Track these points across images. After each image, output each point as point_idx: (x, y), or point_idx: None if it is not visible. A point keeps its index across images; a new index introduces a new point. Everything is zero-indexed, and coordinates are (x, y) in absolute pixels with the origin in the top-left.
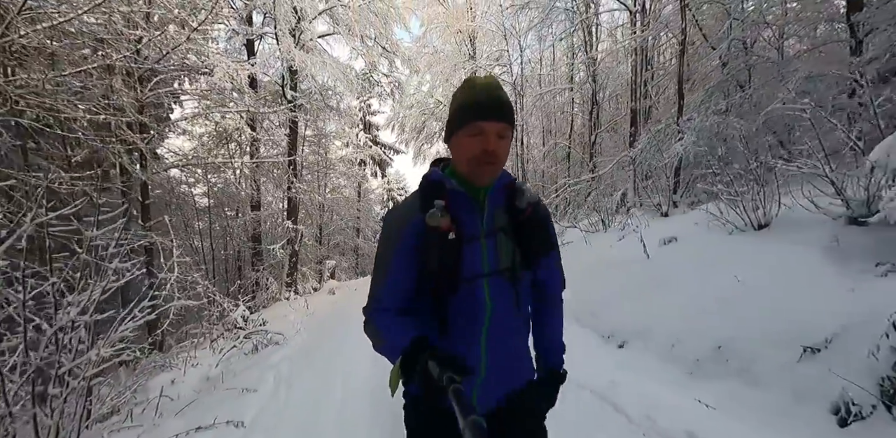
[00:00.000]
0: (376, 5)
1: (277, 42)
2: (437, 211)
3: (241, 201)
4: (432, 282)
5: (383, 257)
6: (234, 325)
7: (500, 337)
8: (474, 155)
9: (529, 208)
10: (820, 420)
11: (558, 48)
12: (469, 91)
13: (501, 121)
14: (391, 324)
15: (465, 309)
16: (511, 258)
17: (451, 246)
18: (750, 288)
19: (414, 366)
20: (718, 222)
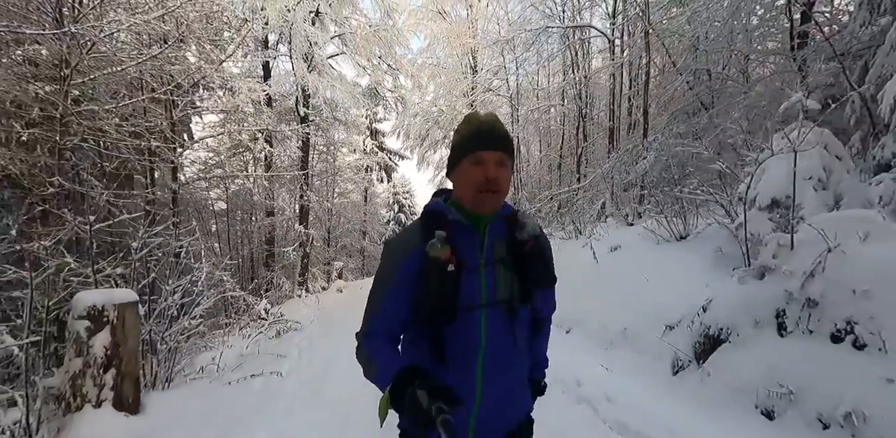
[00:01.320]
0: (381, 32)
1: (293, 67)
2: (437, 241)
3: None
4: (429, 312)
5: (381, 284)
6: (258, 316)
7: (496, 368)
8: (476, 183)
9: (531, 241)
10: (664, 371)
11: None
12: (469, 125)
13: (500, 150)
14: (382, 352)
15: (460, 339)
16: (510, 290)
17: (449, 277)
18: (651, 285)
19: (403, 396)
20: (652, 234)
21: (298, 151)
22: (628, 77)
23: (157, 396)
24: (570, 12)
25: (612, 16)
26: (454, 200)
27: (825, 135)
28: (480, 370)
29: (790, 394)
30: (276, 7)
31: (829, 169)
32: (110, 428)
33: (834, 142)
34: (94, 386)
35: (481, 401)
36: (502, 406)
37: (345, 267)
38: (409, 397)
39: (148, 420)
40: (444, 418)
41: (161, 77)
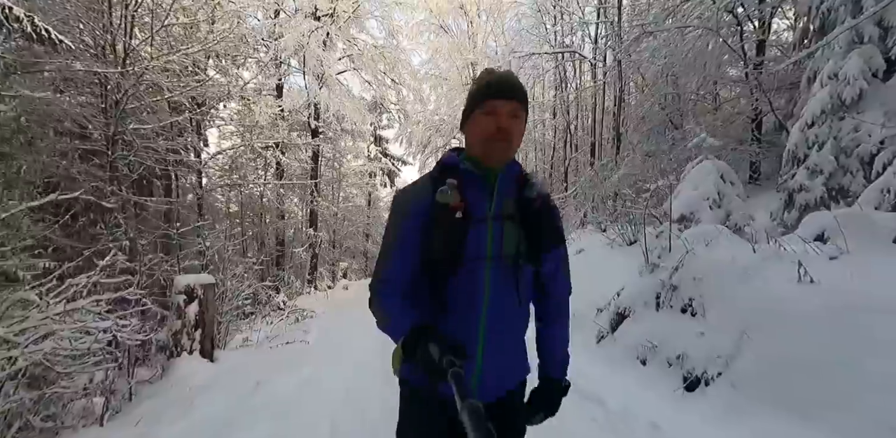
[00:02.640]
0: (385, 52)
1: (306, 85)
2: (447, 188)
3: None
4: (434, 261)
5: (391, 233)
6: (278, 307)
7: (498, 325)
8: (488, 132)
9: (539, 199)
10: (592, 341)
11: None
12: (485, 76)
13: (514, 100)
14: (396, 304)
15: (463, 291)
16: (516, 246)
17: (457, 224)
18: (598, 280)
19: (415, 348)
20: (609, 239)
21: (310, 161)
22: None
23: (221, 353)
24: (559, 36)
25: (595, 41)
26: (467, 153)
27: (722, 166)
28: (483, 324)
29: (654, 348)
30: (293, 35)
31: (721, 192)
32: (197, 369)
33: (728, 171)
34: (188, 340)
35: (483, 357)
36: (503, 363)
37: (349, 267)
38: (421, 350)
39: (219, 365)
40: (455, 371)
41: (193, 97)
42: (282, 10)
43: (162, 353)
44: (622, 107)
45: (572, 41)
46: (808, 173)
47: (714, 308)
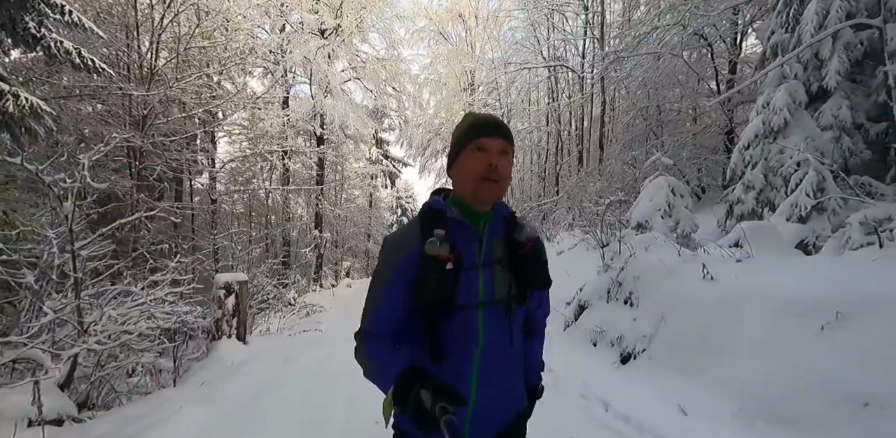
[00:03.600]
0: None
1: (312, 97)
2: (436, 240)
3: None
4: (427, 310)
5: (379, 282)
6: (289, 303)
7: (492, 367)
8: (479, 171)
9: (528, 243)
10: (560, 330)
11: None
12: (470, 117)
13: (502, 138)
14: (383, 352)
15: (457, 338)
16: (507, 290)
17: (448, 275)
18: (571, 278)
19: (407, 395)
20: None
21: (315, 166)
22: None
23: (250, 338)
24: (550, 49)
25: (583, 56)
26: (454, 197)
27: (672, 181)
28: (477, 369)
29: (602, 332)
30: (301, 51)
31: (671, 204)
32: (235, 349)
33: (679, 186)
34: (227, 326)
35: (477, 400)
36: (498, 406)
37: (352, 266)
38: (412, 397)
39: (250, 347)
40: (448, 418)
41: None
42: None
43: (206, 337)
44: (604, 119)
45: (564, 53)
46: (744, 188)
47: (645, 299)
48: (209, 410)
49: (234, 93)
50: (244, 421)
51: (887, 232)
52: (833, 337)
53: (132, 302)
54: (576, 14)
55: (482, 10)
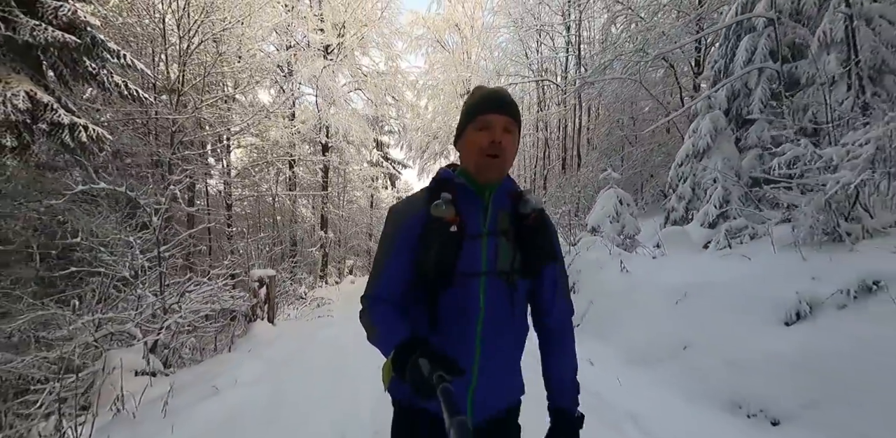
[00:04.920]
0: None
1: (318, 109)
2: (442, 202)
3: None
4: (429, 274)
5: (385, 246)
6: (300, 297)
7: (494, 342)
8: (482, 147)
9: (533, 214)
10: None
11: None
12: (477, 92)
13: (506, 115)
14: (387, 318)
15: (457, 306)
16: (510, 262)
17: (451, 238)
18: None
19: (405, 363)
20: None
21: (321, 172)
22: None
23: (277, 321)
24: (538, 62)
25: (565, 70)
26: (461, 169)
27: (620, 193)
28: (479, 340)
29: None
30: (307, 70)
31: (618, 211)
32: (267, 329)
33: (626, 196)
34: (260, 311)
35: (479, 373)
36: (499, 380)
37: (354, 264)
38: (410, 365)
39: (278, 328)
40: (444, 386)
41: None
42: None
43: (245, 319)
44: (580, 132)
45: (552, 66)
46: (677, 199)
47: (583, 288)
48: (260, 365)
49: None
50: (285, 371)
51: (738, 237)
52: (679, 309)
53: (202, 289)
54: (559, 33)
55: (477, 21)
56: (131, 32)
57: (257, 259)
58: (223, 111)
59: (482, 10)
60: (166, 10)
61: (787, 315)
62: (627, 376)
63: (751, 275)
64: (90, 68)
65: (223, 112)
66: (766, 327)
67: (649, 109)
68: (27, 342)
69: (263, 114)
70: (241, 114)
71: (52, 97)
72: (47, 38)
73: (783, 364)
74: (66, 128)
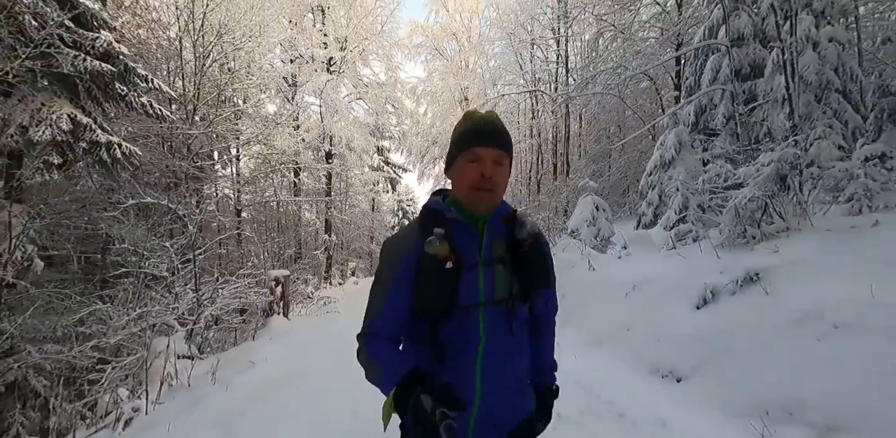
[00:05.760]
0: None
1: (322, 119)
2: (435, 239)
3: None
4: (428, 310)
5: (380, 283)
6: (307, 296)
7: (495, 368)
8: (472, 181)
9: (530, 240)
10: None
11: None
12: (468, 121)
13: (498, 147)
14: (385, 355)
15: (459, 338)
16: (508, 289)
17: (448, 274)
18: None
19: (407, 400)
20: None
21: (324, 179)
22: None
23: (291, 316)
24: (530, 74)
25: (556, 80)
26: (452, 198)
27: (597, 200)
28: (479, 370)
29: None
30: (312, 85)
31: (595, 216)
32: (282, 323)
33: (602, 202)
34: (276, 306)
35: (481, 402)
36: (502, 407)
37: (356, 267)
38: (413, 402)
39: (292, 322)
40: (448, 423)
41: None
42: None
43: (263, 314)
44: (568, 141)
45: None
46: (647, 205)
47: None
48: (282, 348)
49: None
50: (304, 353)
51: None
52: (628, 299)
53: (231, 287)
54: (548, 46)
55: (474, 31)
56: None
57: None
58: (234, 124)
59: (479, 18)
60: (183, 31)
61: (698, 301)
62: (583, 353)
63: (681, 271)
64: (120, 90)
65: (234, 125)
66: (683, 311)
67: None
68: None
69: (272, 125)
70: (249, 125)
71: (90, 118)
72: (87, 67)
73: (687, 338)
74: (102, 146)
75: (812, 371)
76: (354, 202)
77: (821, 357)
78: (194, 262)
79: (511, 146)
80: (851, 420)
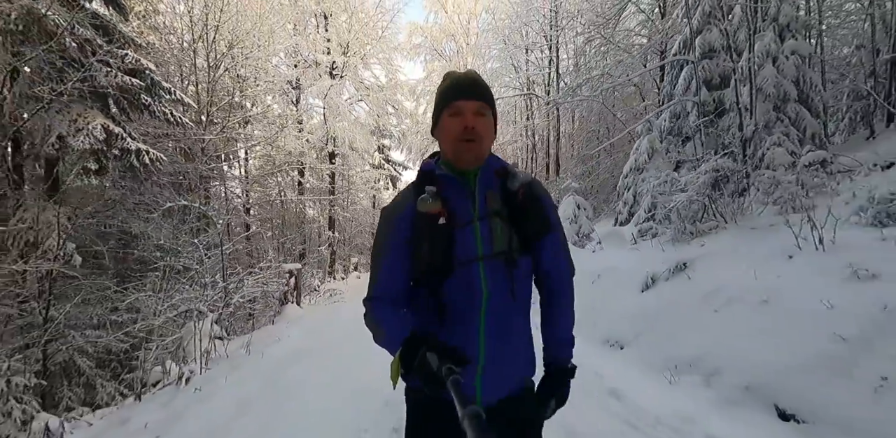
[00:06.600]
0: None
1: (325, 121)
2: (427, 196)
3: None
4: (426, 267)
5: (379, 247)
6: (314, 289)
7: (498, 323)
8: (456, 133)
9: (522, 189)
10: None
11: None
12: (447, 79)
13: (477, 99)
14: (390, 317)
15: (460, 293)
16: (507, 242)
17: (442, 230)
18: None
19: (413, 358)
20: None
21: (328, 178)
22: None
23: (303, 305)
24: (524, 77)
25: (548, 84)
26: (442, 157)
27: (578, 199)
28: (483, 325)
29: None
30: (316, 89)
31: (576, 215)
32: (296, 310)
33: (583, 202)
34: (290, 295)
35: (485, 358)
36: (507, 362)
37: (359, 262)
38: (419, 359)
39: (305, 310)
40: (454, 378)
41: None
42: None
43: (279, 303)
44: (559, 142)
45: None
46: (623, 204)
47: None
48: (300, 330)
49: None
50: (319, 333)
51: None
52: (594, 286)
53: (254, 277)
54: (542, 51)
55: (472, 32)
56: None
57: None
58: (244, 130)
59: (476, 20)
60: (197, 42)
61: (642, 286)
62: None
63: (635, 262)
64: (144, 101)
65: (244, 129)
66: (632, 294)
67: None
68: (103, 323)
69: (279, 128)
70: (258, 128)
71: (120, 127)
72: (119, 82)
73: (631, 314)
74: (132, 153)
75: (708, 334)
76: (356, 199)
77: (715, 323)
78: (222, 257)
79: (492, 97)
80: (729, 367)
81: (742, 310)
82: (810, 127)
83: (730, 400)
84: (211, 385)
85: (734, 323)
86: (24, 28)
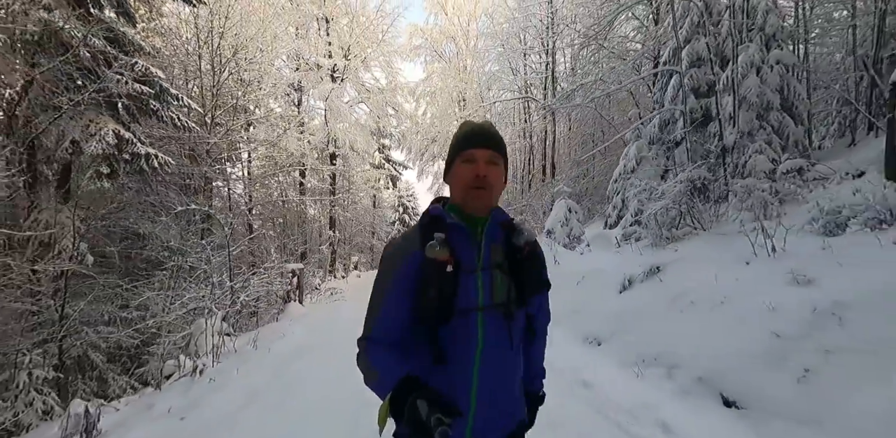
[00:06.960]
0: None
1: (326, 123)
2: (436, 243)
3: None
4: (428, 313)
5: (380, 287)
6: (315, 287)
7: (492, 372)
8: (467, 179)
9: (527, 247)
10: None
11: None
12: (463, 128)
13: (490, 148)
14: (383, 360)
15: (457, 341)
16: (506, 294)
17: (448, 278)
18: None
19: (402, 405)
20: None
21: (329, 178)
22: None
23: (306, 303)
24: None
25: (545, 88)
26: (451, 204)
27: (570, 203)
28: (477, 373)
29: None
30: (318, 92)
31: (568, 218)
32: (299, 308)
33: (575, 206)
34: (293, 294)
35: (477, 406)
36: (500, 411)
37: (359, 261)
38: (408, 407)
39: (307, 308)
40: (442, 430)
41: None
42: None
43: (282, 301)
44: (555, 144)
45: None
46: (612, 208)
47: None
48: (303, 327)
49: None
50: (321, 330)
51: (628, 240)
52: (578, 286)
53: (259, 277)
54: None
55: (472, 34)
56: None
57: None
58: (247, 132)
59: (476, 22)
60: (202, 47)
61: (621, 287)
62: None
63: (616, 265)
64: (153, 106)
65: (247, 132)
66: (611, 294)
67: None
68: (113, 320)
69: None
70: (261, 130)
71: (129, 132)
72: (129, 90)
73: (610, 314)
74: (142, 157)
75: (673, 332)
76: (356, 199)
77: (679, 322)
78: (229, 258)
79: (504, 148)
80: (687, 361)
81: (703, 311)
82: (793, 134)
83: (685, 390)
84: (223, 376)
85: (695, 321)
86: (42, 39)
